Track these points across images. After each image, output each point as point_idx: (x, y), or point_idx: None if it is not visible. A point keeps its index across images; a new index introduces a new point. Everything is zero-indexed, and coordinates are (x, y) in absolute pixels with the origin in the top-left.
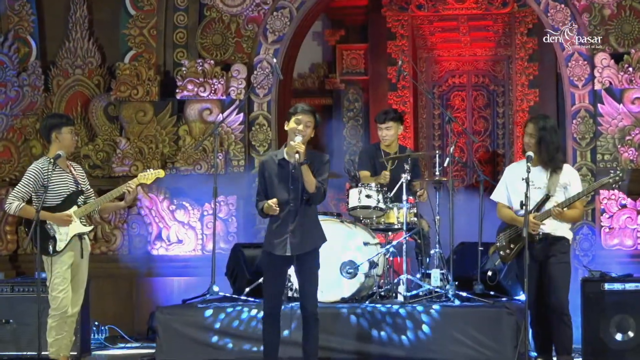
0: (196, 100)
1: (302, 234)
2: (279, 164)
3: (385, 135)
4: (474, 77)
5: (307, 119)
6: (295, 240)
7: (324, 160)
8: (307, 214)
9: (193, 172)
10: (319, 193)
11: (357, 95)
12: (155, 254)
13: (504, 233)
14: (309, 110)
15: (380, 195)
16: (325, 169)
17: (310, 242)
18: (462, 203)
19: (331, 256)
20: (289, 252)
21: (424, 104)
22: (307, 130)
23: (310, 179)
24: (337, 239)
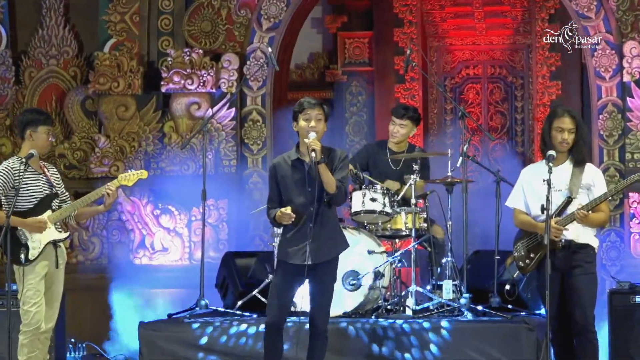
0: (183, 93)
1: (323, 240)
2: (292, 165)
3: (396, 132)
4: (490, 68)
5: (315, 113)
6: (316, 247)
7: (342, 156)
8: (327, 218)
9: (179, 173)
10: (340, 193)
11: (361, 88)
12: (137, 263)
13: (522, 242)
14: (315, 103)
15: (386, 199)
16: (344, 166)
17: (332, 249)
18: (476, 207)
19: None
20: (309, 261)
21: (435, 97)
22: (319, 124)
23: (329, 178)
24: None
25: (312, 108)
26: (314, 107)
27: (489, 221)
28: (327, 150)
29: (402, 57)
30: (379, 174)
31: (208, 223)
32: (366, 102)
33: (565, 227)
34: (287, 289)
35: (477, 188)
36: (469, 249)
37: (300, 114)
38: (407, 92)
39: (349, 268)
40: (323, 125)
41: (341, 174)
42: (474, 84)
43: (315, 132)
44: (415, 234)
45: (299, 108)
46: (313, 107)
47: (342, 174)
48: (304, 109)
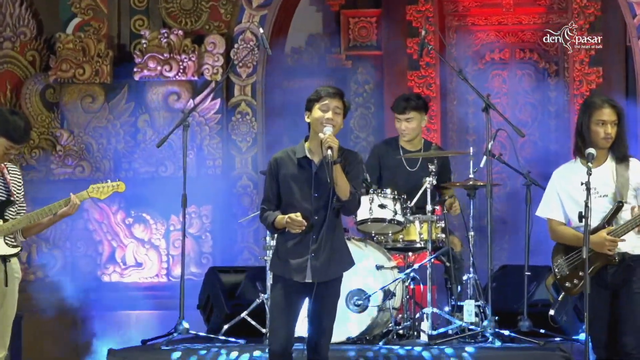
0: (160, 82)
1: (327, 255)
2: (298, 164)
3: (405, 129)
4: (519, 52)
5: (335, 104)
6: (318, 264)
7: (358, 159)
8: (334, 229)
9: (156, 174)
10: (353, 201)
11: (368, 76)
12: (106, 280)
13: (565, 258)
14: (336, 92)
15: (397, 205)
16: (359, 171)
17: (337, 266)
18: (503, 215)
19: None
20: (309, 279)
21: (454, 86)
22: (337, 118)
23: (344, 182)
24: None
25: (331, 98)
26: (333, 97)
27: (517, 231)
28: (340, 149)
29: (416, 39)
30: (392, 177)
31: (189, 234)
32: (374, 92)
33: (621, 238)
34: (291, 309)
35: (504, 192)
36: (495, 264)
37: (317, 102)
38: (422, 80)
39: (353, 286)
40: (341, 119)
41: (356, 179)
42: (499, 70)
43: (333, 126)
44: (431, 246)
45: (315, 96)
46: (333, 97)
47: (358, 179)
48: (322, 97)
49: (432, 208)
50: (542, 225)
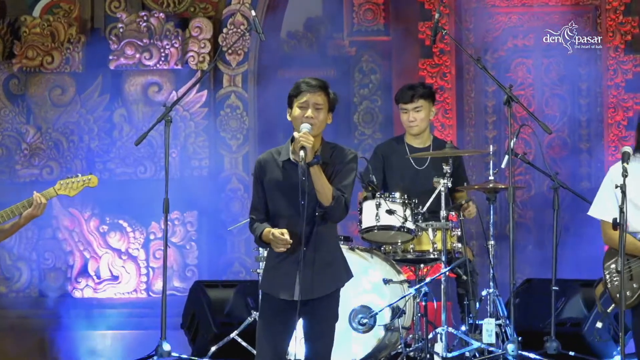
0: (139, 71)
1: (317, 268)
2: (283, 167)
3: (413, 121)
4: (546, 38)
5: (315, 99)
6: (307, 279)
7: (348, 157)
8: (324, 239)
9: (134, 176)
10: (337, 206)
11: (374, 65)
12: (78, 296)
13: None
14: (315, 85)
15: (408, 211)
16: (348, 170)
17: (329, 281)
18: (527, 222)
19: None
20: (297, 296)
21: (472, 76)
22: (318, 115)
23: (323, 186)
24: None
25: (311, 92)
26: (313, 91)
27: (544, 240)
28: (331, 148)
29: (428, 23)
30: (398, 178)
31: (171, 243)
32: (381, 83)
33: None
34: (279, 331)
35: (529, 196)
36: (518, 277)
37: (296, 98)
38: (436, 69)
39: (358, 303)
40: (324, 115)
41: (344, 181)
42: (524, 58)
43: (312, 125)
44: (446, 257)
45: (294, 91)
46: (312, 91)
47: (346, 180)
48: (300, 92)
49: (446, 213)
50: (572, 233)
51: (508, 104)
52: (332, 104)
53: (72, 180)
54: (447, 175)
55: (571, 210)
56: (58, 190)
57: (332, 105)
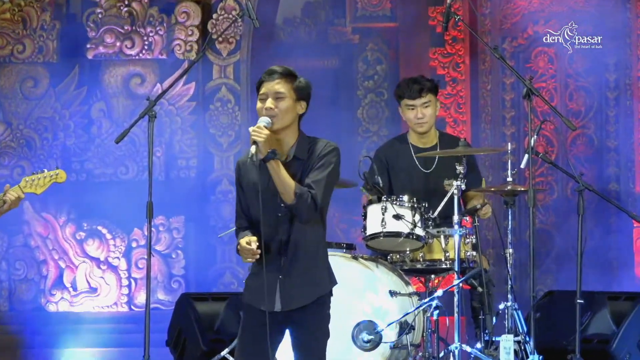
0: (119, 61)
1: (295, 276)
2: (260, 167)
3: (422, 117)
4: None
5: (274, 88)
6: (289, 288)
7: (326, 150)
8: (303, 244)
9: (114, 177)
10: (301, 204)
11: (380, 54)
12: (52, 310)
13: None
14: (274, 72)
15: (417, 216)
16: (324, 164)
17: (310, 288)
18: (549, 228)
19: (339, 314)
20: (279, 307)
21: (488, 67)
22: (279, 105)
23: (283, 182)
24: (348, 286)
25: (268, 80)
26: (271, 79)
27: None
28: (309, 142)
29: (440, 8)
30: (404, 181)
31: (156, 251)
32: (388, 74)
33: None
34: (260, 347)
35: (551, 200)
36: (539, 289)
37: (258, 91)
38: (448, 58)
39: (362, 318)
40: (288, 104)
41: (317, 176)
42: (545, 47)
43: (272, 116)
44: (460, 266)
45: (258, 83)
46: (270, 80)
47: (319, 175)
48: (260, 83)
49: (459, 218)
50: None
51: (528, 97)
52: (301, 91)
53: (38, 176)
54: (461, 177)
55: (598, 215)
56: (24, 189)
57: (302, 93)
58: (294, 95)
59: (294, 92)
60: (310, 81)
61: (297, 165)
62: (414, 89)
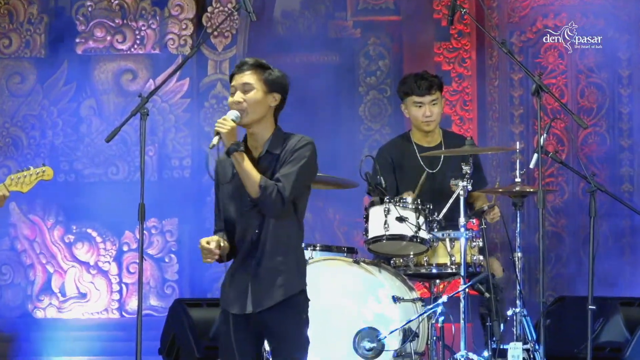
0: (110, 56)
1: (265, 276)
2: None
3: (430, 116)
4: (581, 18)
5: (244, 80)
6: (257, 289)
7: (299, 145)
8: (275, 243)
9: (104, 178)
10: (266, 197)
11: (383, 49)
12: (40, 316)
13: None
14: (243, 64)
15: (421, 218)
16: (296, 158)
17: (276, 289)
18: (560, 231)
19: (339, 321)
20: (250, 308)
21: (495, 62)
22: (248, 97)
23: (248, 175)
24: (349, 292)
25: (237, 73)
26: (239, 71)
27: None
28: (284, 137)
29: (445, 1)
30: (409, 181)
31: (148, 255)
32: (390, 70)
33: None
34: (241, 351)
35: (561, 201)
36: (549, 294)
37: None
38: (454, 54)
39: (364, 325)
40: (258, 96)
41: (287, 170)
42: (555, 41)
43: (241, 109)
44: (466, 271)
45: (230, 76)
46: (239, 72)
47: (290, 169)
48: (232, 75)
49: (466, 221)
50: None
51: (537, 94)
52: (272, 83)
53: (24, 173)
54: (467, 177)
55: (610, 217)
56: (9, 187)
57: (274, 85)
58: (264, 87)
59: (265, 84)
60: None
61: (269, 160)
62: (422, 85)
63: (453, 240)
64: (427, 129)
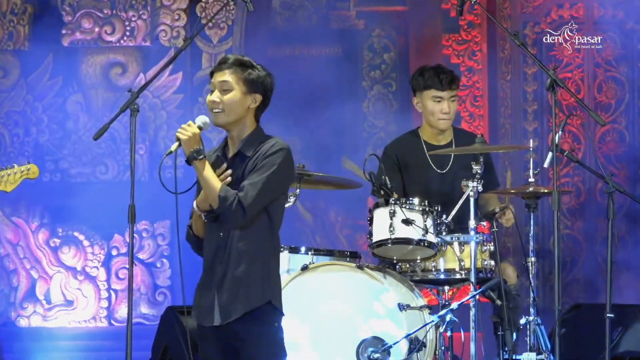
0: (98, 49)
1: (231, 285)
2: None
3: (448, 112)
4: (598, 9)
5: (223, 79)
6: (224, 300)
7: (271, 150)
8: (240, 252)
9: (92, 178)
10: (225, 207)
11: (388, 41)
12: (23, 325)
13: None
14: (223, 62)
15: (429, 220)
16: (265, 166)
17: (241, 300)
18: (576, 234)
19: (342, 330)
20: (218, 320)
21: (508, 55)
22: (225, 98)
23: (207, 184)
24: (352, 299)
25: (216, 71)
26: (219, 69)
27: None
28: (258, 138)
29: None
30: (416, 181)
31: (139, 260)
32: (396, 63)
33: None
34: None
35: (578, 203)
36: (564, 301)
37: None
38: (463, 46)
39: (368, 334)
40: (236, 96)
41: (255, 178)
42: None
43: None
44: (477, 277)
45: (210, 73)
46: (218, 70)
47: (257, 177)
48: (212, 73)
49: (476, 223)
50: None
51: (552, 89)
52: (253, 83)
53: (8, 172)
54: (477, 177)
55: (629, 219)
56: None
57: (254, 85)
58: (243, 88)
59: (244, 84)
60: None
61: (239, 162)
62: (444, 79)
63: (462, 244)
64: (443, 126)
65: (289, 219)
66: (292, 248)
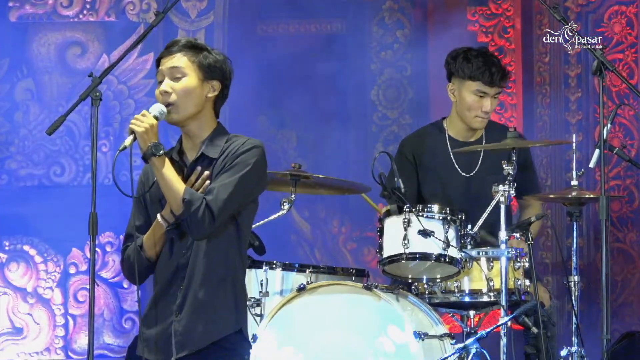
0: (52, 25)
1: (193, 313)
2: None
3: (489, 111)
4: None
5: (173, 64)
6: (183, 328)
7: (243, 147)
8: (205, 271)
9: (45, 181)
10: (189, 214)
11: (402, 15)
12: None
13: None
14: (176, 45)
15: (451, 231)
16: (238, 165)
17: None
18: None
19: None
20: (174, 354)
21: (546, 33)
22: (176, 86)
23: (168, 186)
24: (360, 326)
25: (165, 56)
26: (168, 53)
27: None
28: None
29: None
30: (435, 185)
31: (102, 279)
32: (411, 43)
33: None
34: None
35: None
36: (614, 329)
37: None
38: (493, 21)
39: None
40: (188, 84)
41: (225, 179)
42: (622, 5)
43: (167, 103)
44: (508, 300)
45: (156, 60)
46: (167, 54)
47: (228, 178)
48: (159, 59)
49: (508, 235)
50: None
51: (599, 73)
52: (209, 68)
53: None
54: (510, 179)
55: None
56: None
57: (211, 70)
58: (198, 74)
59: (199, 68)
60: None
61: (204, 166)
62: (496, 74)
63: (491, 260)
64: (478, 125)
65: (282, 229)
66: (286, 265)
